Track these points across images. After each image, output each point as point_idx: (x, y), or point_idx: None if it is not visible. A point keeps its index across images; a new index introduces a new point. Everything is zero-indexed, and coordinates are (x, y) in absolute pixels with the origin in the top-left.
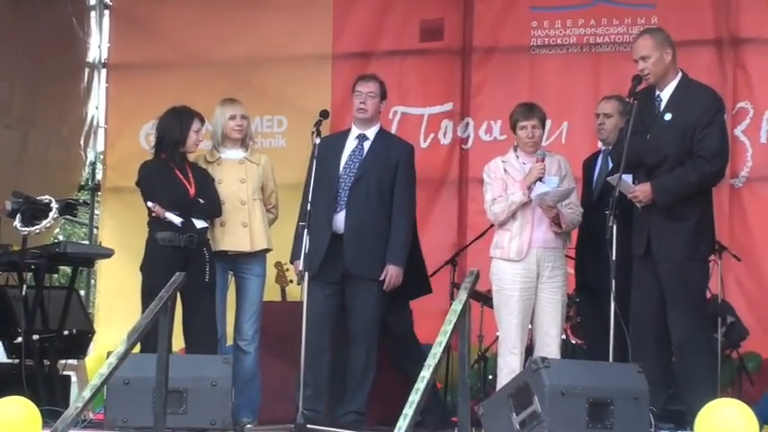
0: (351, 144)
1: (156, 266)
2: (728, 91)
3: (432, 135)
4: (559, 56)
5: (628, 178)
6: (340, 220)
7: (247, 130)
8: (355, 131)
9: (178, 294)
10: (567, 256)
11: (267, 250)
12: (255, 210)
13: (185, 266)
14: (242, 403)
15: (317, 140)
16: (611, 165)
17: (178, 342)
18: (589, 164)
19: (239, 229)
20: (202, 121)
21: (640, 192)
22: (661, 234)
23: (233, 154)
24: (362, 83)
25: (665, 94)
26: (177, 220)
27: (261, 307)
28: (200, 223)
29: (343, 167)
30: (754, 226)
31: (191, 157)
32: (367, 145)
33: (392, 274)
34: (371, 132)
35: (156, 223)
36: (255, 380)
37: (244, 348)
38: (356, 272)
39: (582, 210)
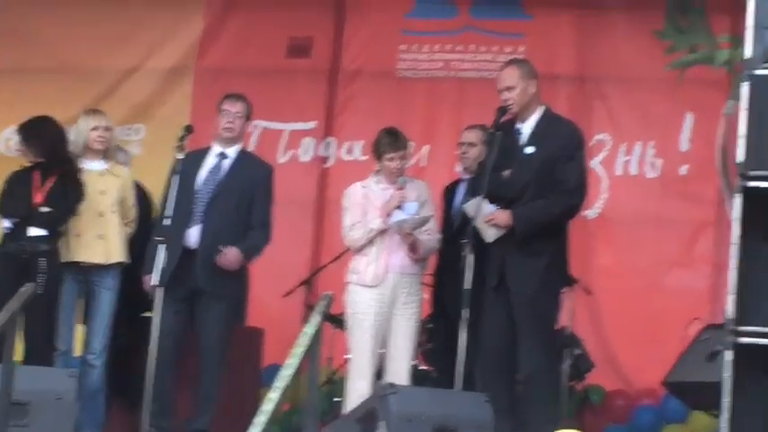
0: (210, 161)
1: None
2: (587, 123)
3: (291, 152)
4: (425, 80)
5: (488, 205)
6: (193, 235)
7: (110, 142)
8: (216, 149)
9: None
10: (425, 284)
11: (122, 263)
12: (113, 222)
13: (22, 276)
14: (86, 417)
15: (180, 156)
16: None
17: None
18: (450, 191)
19: (94, 241)
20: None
21: (499, 216)
22: (515, 266)
23: (94, 165)
24: (230, 102)
25: (527, 127)
26: (6, 225)
27: (112, 321)
28: (35, 231)
29: (201, 184)
30: (605, 258)
31: None
32: (227, 163)
33: (233, 253)
34: (233, 151)
35: None
36: (100, 394)
37: (91, 362)
38: (207, 287)
39: (439, 236)
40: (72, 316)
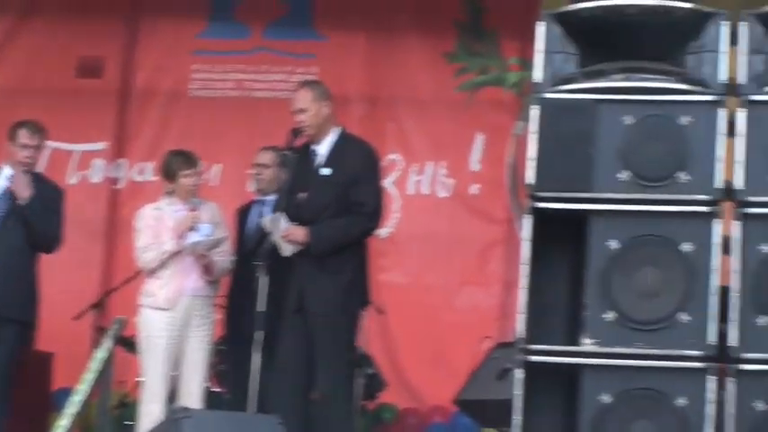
0: (1, 183)
1: None
2: (379, 144)
3: (81, 173)
4: (217, 99)
5: (285, 222)
6: None
7: None
8: (7, 171)
9: None
10: (218, 305)
11: None
12: None
13: None
14: None
15: None
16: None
17: None
18: (243, 212)
19: None
20: None
21: (295, 232)
22: (315, 287)
23: None
24: (29, 135)
25: (323, 149)
26: None
27: None
28: None
29: None
30: (397, 277)
31: None
32: None
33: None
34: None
35: None
36: None
37: None
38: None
39: (232, 258)
40: None
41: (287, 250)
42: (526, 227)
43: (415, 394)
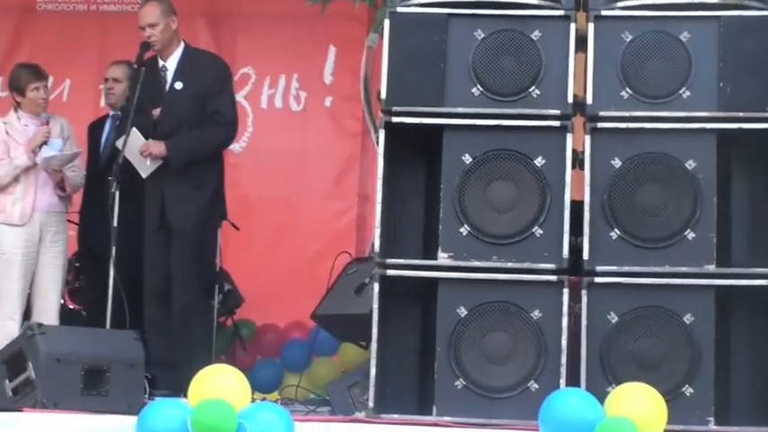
0: None
1: None
2: (231, 57)
3: None
4: (66, 14)
5: (140, 138)
6: None
7: None
8: None
9: None
10: (70, 221)
11: None
12: None
13: None
14: None
15: None
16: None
17: None
18: (95, 128)
19: None
20: None
21: (154, 147)
22: (177, 202)
23: None
24: None
25: (171, 64)
26: None
27: None
28: None
29: None
30: (251, 193)
31: None
32: None
33: None
34: None
35: None
36: None
37: None
38: None
39: (84, 173)
40: None
41: (145, 170)
42: (381, 141)
43: (273, 310)
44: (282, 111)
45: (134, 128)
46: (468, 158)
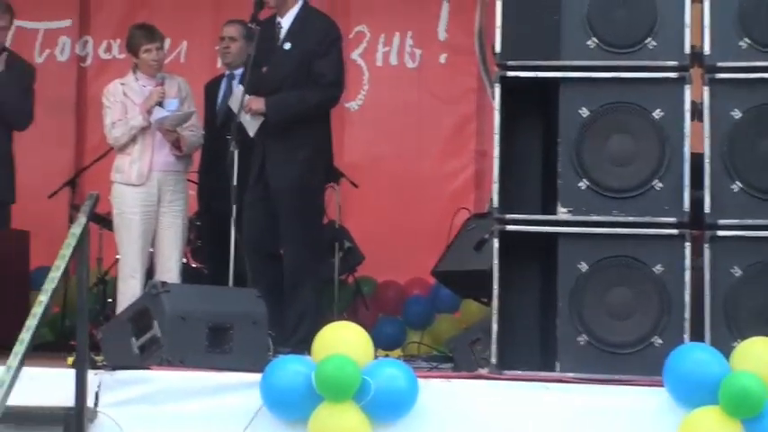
0: None
1: None
2: (345, 16)
3: (48, 51)
4: None
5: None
6: None
7: None
8: None
9: None
10: (191, 180)
11: None
12: None
13: None
14: None
15: None
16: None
17: None
18: (212, 87)
19: None
20: None
21: (253, 102)
22: (275, 159)
23: None
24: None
25: (286, 22)
26: None
27: None
28: None
29: None
30: (368, 150)
31: None
32: None
33: None
34: None
35: None
36: None
37: None
38: None
39: (203, 132)
40: None
41: (251, 129)
42: (496, 96)
43: (394, 267)
44: (398, 68)
45: (240, 86)
46: (585, 112)
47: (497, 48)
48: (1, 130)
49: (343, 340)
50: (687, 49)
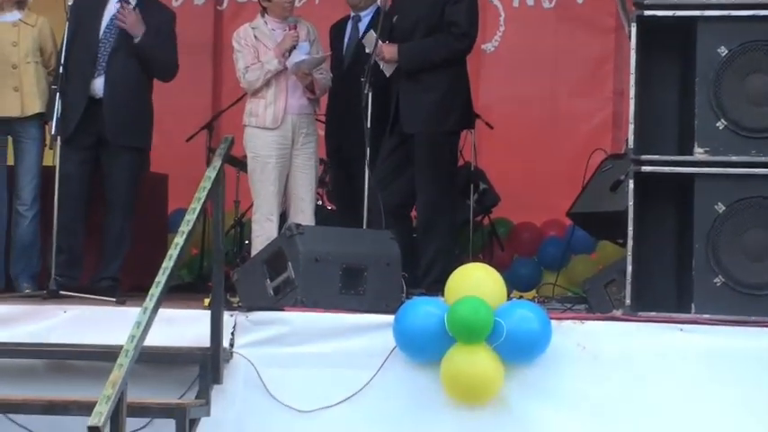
0: (111, 8)
1: None
2: None
3: None
4: None
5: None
6: (98, 84)
7: None
8: (114, 4)
9: None
10: (320, 120)
11: (42, 114)
12: (28, 73)
13: None
14: (21, 269)
15: (70, 2)
16: (361, 32)
17: None
18: (337, 29)
19: (10, 94)
20: None
21: (386, 50)
22: (407, 102)
23: (8, 17)
24: None
25: None
26: None
27: (40, 171)
28: None
29: (104, 32)
30: (505, 92)
31: None
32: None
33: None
34: None
35: None
36: (35, 246)
37: (22, 213)
38: (114, 140)
39: (331, 75)
40: (3, 171)
41: (387, 70)
42: (633, 36)
43: (529, 208)
44: (534, 9)
45: (371, 30)
46: (723, 51)
47: None
48: (140, 81)
49: (476, 282)
50: None
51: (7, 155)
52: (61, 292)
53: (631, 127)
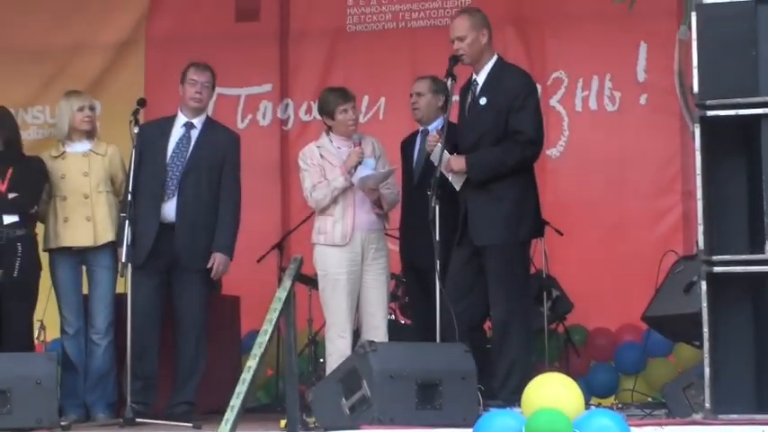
0: (177, 132)
1: None
2: (542, 63)
3: (249, 116)
4: (376, 33)
5: (447, 153)
6: (169, 209)
7: (95, 121)
8: (182, 119)
9: None
10: (390, 235)
11: (114, 243)
12: (100, 202)
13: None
14: (96, 398)
15: (136, 130)
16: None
17: None
18: (408, 144)
19: (82, 224)
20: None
21: (454, 162)
22: (478, 216)
23: (78, 147)
24: (198, 72)
25: (481, 78)
26: None
27: (113, 299)
28: (8, 218)
29: (171, 156)
30: (572, 197)
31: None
32: (194, 134)
33: (220, 262)
34: (198, 121)
35: None
36: (110, 374)
37: (97, 342)
38: (187, 263)
39: (399, 189)
40: (76, 298)
41: (457, 183)
42: (697, 137)
43: (603, 313)
44: (597, 112)
45: (438, 143)
46: None
47: (695, 88)
48: (211, 201)
49: (553, 392)
50: None
51: (81, 284)
52: (137, 420)
53: (700, 228)
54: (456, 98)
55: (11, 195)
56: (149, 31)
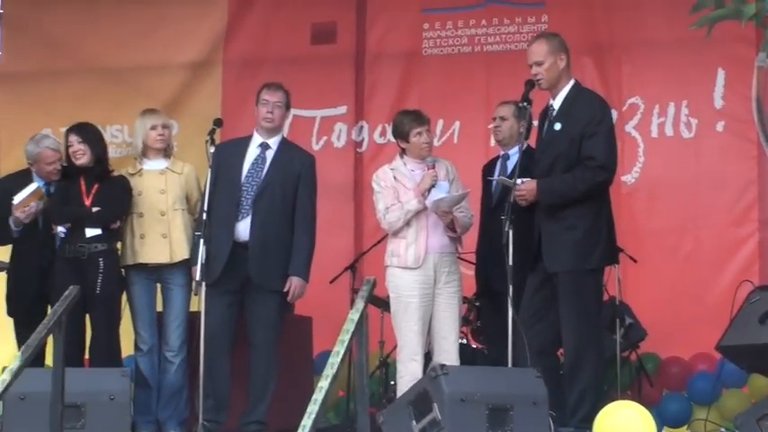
0: (253, 152)
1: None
2: (617, 88)
3: (324, 138)
4: (451, 57)
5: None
6: (242, 228)
7: (170, 140)
8: (258, 139)
9: None
10: (463, 259)
11: (188, 260)
12: (176, 220)
13: (81, 278)
14: (168, 415)
15: (212, 149)
16: (509, 170)
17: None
18: (488, 168)
19: (159, 241)
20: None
21: (525, 189)
22: (552, 242)
23: (155, 165)
24: (270, 92)
25: (557, 103)
26: (61, 230)
27: (187, 317)
28: (91, 231)
29: (246, 176)
30: (647, 224)
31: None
32: (270, 154)
33: (296, 285)
34: (274, 141)
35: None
36: (183, 391)
37: (170, 359)
38: (260, 282)
39: (472, 213)
40: (150, 315)
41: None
42: None
43: (677, 342)
44: (673, 138)
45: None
46: None
47: None
48: (284, 221)
49: (624, 420)
50: None
51: (155, 301)
52: None
53: None
54: (536, 123)
55: (95, 209)
56: (226, 53)
